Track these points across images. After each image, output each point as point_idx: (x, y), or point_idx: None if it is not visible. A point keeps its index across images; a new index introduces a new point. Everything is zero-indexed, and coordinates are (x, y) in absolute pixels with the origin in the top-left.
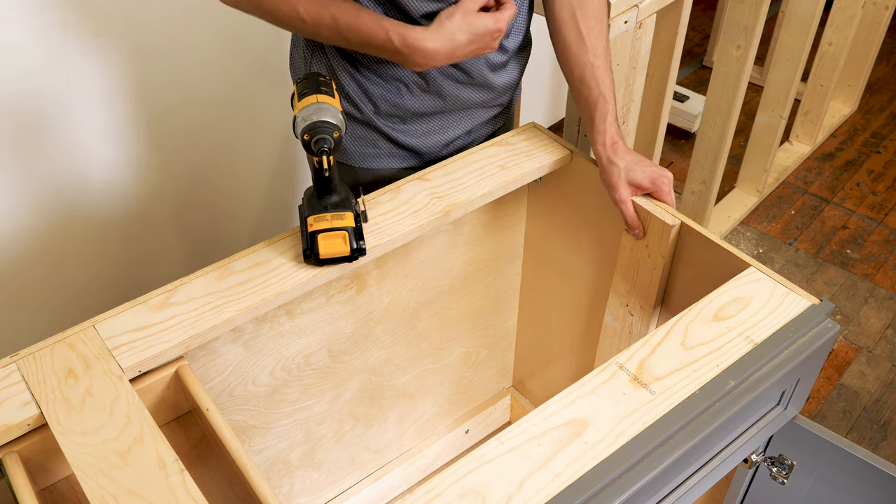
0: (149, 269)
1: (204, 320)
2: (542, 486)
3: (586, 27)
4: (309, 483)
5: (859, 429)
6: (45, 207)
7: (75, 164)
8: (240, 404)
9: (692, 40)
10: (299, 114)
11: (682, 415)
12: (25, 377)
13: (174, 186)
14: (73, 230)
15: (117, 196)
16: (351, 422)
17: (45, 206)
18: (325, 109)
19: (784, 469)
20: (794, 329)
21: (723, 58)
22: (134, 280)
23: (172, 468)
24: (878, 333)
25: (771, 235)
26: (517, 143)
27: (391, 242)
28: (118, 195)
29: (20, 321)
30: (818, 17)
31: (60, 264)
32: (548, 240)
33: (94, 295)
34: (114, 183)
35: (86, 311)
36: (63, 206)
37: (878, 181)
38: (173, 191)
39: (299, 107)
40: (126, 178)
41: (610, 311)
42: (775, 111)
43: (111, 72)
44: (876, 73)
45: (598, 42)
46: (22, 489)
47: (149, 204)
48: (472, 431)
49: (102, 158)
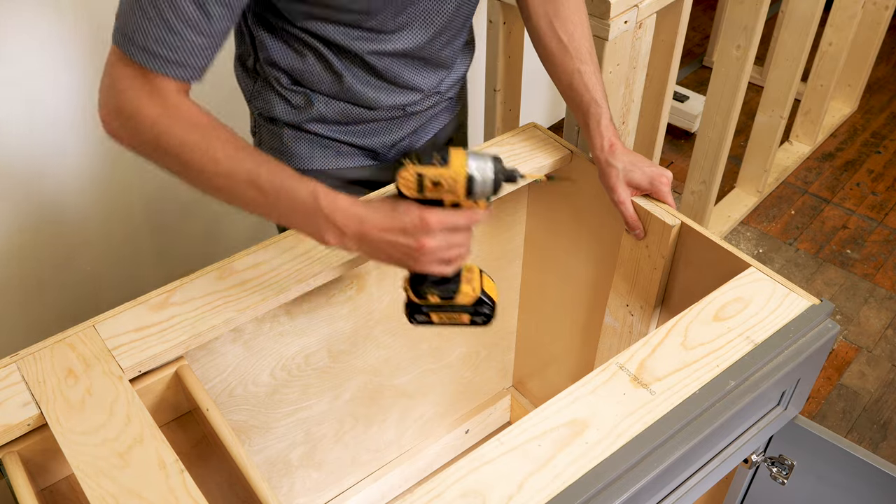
0: (149, 269)
1: (204, 320)
2: (542, 486)
3: (566, 34)
4: (309, 483)
5: (859, 429)
6: (46, 207)
7: (75, 164)
8: (240, 404)
9: (692, 40)
10: (472, 170)
11: (682, 415)
12: (25, 377)
13: (175, 186)
14: (73, 230)
15: (118, 196)
16: (351, 422)
17: (45, 206)
18: (475, 155)
19: (784, 469)
20: (795, 329)
21: (723, 58)
22: (134, 280)
23: (172, 468)
24: (878, 333)
25: (771, 235)
26: (517, 143)
27: None
28: (119, 195)
29: (20, 321)
30: (818, 17)
31: (61, 264)
32: (548, 240)
33: (94, 295)
34: (114, 182)
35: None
36: (63, 205)
37: (878, 181)
38: (174, 191)
39: (457, 166)
40: (127, 177)
41: (610, 311)
42: (775, 111)
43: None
44: (876, 73)
45: (582, 46)
46: (22, 489)
47: (149, 204)
48: (472, 431)
49: (102, 158)
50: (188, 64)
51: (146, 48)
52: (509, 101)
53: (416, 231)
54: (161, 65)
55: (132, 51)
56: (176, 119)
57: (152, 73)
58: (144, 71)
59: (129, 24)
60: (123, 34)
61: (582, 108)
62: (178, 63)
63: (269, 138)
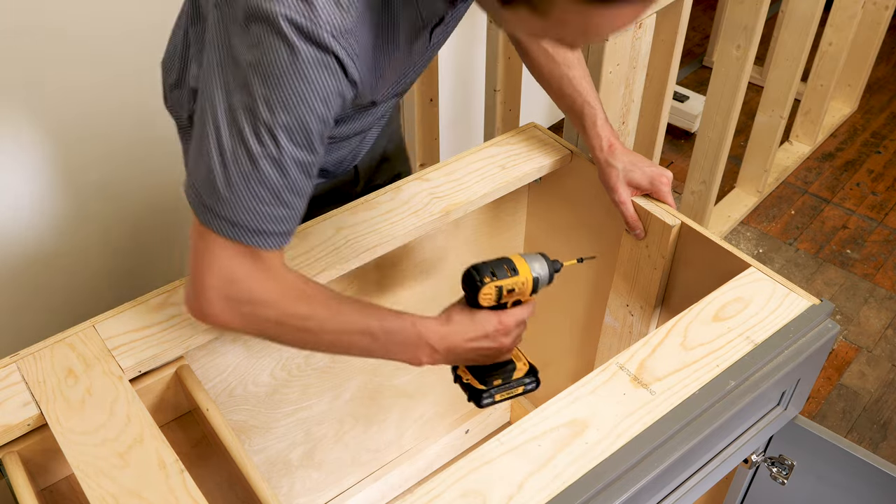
0: (149, 269)
1: None
2: (542, 486)
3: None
4: (309, 483)
5: (859, 429)
6: (46, 207)
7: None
8: (240, 404)
9: (692, 40)
10: (536, 272)
11: (682, 415)
12: (25, 377)
13: (176, 186)
14: (73, 230)
15: (118, 196)
16: (351, 422)
17: (46, 207)
18: (529, 256)
19: (784, 469)
20: (795, 329)
21: (723, 58)
22: (134, 280)
23: (172, 468)
24: (878, 333)
25: (771, 235)
26: (517, 143)
27: (391, 242)
28: (119, 195)
29: (21, 321)
30: (818, 17)
31: (61, 264)
32: (548, 240)
33: (94, 295)
34: (115, 182)
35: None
36: (63, 206)
37: (878, 181)
38: (175, 191)
39: (524, 272)
40: (128, 177)
41: (610, 311)
42: (775, 111)
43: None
44: (876, 73)
45: (567, 51)
46: (22, 489)
47: (150, 204)
48: (472, 431)
49: (103, 158)
50: (293, 229)
51: (260, 230)
52: (509, 101)
53: (497, 335)
54: (274, 241)
55: (243, 236)
56: (292, 296)
57: (263, 250)
58: (252, 250)
59: (234, 207)
60: (227, 220)
61: (576, 111)
62: (287, 232)
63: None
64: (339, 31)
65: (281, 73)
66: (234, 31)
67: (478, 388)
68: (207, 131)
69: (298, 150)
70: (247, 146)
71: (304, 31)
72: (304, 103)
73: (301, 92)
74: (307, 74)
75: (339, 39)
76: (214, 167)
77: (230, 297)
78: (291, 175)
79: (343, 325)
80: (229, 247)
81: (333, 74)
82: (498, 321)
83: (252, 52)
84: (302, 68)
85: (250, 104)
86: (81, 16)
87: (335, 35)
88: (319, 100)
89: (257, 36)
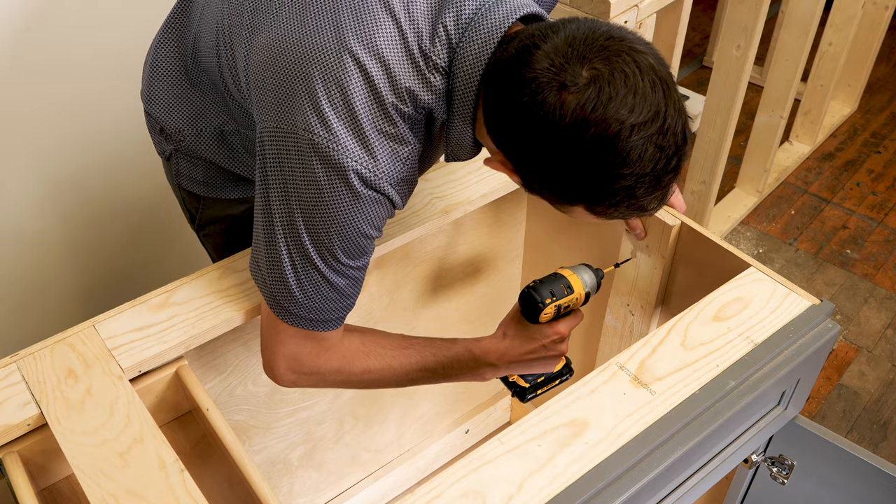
0: (149, 269)
1: (204, 320)
2: (542, 486)
3: None
4: (309, 483)
5: (859, 429)
6: (46, 207)
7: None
8: (240, 404)
9: (692, 40)
10: (588, 286)
11: (682, 415)
12: (25, 377)
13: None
14: (73, 231)
15: (118, 196)
16: (351, 422)
17: (46, 207)
18: (577, 269)
19: (784, 469)
20: (795, 329)
21: (723, 58)
22: (134, 280)
23: (172, 468)
24: (878, 333)
25: (771, 235)
26: None
27: (391, 242)
28: (119, 195)
29: (21, 322)
30: (818, 17)
31: (61, 264)
32: (548, 240)
33: (94, 295)
34: (115, 182)
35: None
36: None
37: (878, 181)
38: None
39: (578, 288)
40: (128, 177)
41: (610, 311)
42: (775, 111)
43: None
44: (876, 73)
45: None
46: (22, 489)
47: (150, 204)
48: (472, 431)
49: (103, 158)
50: (349, 312)
51: (324, 319)
52: None
53: (554, 344)
54: (334, 325)
55: (310, 325)
56: (350, 359)
57: (325, 332)
58: (315, 333)
59: (307, 308)
60: (298, 316)
61: None
62: (344, 316)
63: (187, 168)
64: (395, 181)
65: (343, 213)
66: (298, 168)
67: (522, 386)
68: (277, 244)
69: (353, 260)
70: (314, 264)
71: (367, 181)
72: (359, 231)
73: (357, 224)
74: (363, 210)
75: (395, 187)
76: (288, 277)
77: (298, 371)
78: (352, 277)
79: (402, 369)
80: (296, 333)
81: (384, 207)
82: (554, 332)
83: (318, 190)
84: (360, 206)
85: (315, 230)
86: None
87: (392, 184)
88: (371, 226)
89: (327, 179)
